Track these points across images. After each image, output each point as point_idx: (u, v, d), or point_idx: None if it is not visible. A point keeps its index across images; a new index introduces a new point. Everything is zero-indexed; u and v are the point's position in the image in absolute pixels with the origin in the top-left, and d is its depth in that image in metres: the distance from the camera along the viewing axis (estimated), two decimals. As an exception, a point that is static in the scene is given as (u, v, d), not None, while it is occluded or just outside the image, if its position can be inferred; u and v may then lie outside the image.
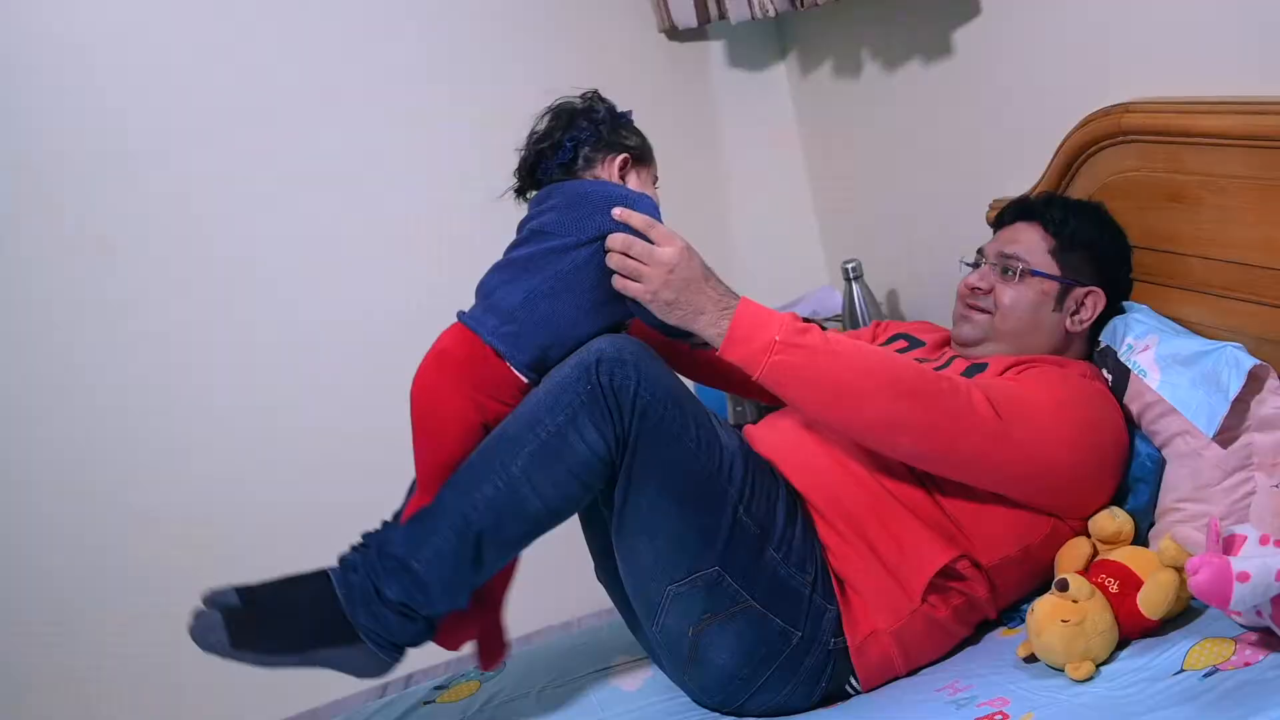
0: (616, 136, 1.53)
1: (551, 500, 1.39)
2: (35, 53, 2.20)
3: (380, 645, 1.41)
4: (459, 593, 1.42)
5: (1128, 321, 1.64)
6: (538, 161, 1.53)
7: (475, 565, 1.40)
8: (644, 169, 1.56)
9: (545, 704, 1.64)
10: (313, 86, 2.35)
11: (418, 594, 1.40)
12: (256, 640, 1.39)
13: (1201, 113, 1.51)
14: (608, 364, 1.38)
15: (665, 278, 1.42)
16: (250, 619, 1.40)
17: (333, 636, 1.40)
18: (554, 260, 1.44)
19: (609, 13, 2.50)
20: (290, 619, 1.40)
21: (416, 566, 1.39)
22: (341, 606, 1.40)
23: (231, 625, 1.39)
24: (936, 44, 2.09)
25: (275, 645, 1.39)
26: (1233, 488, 1.47)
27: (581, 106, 1.54)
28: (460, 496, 1.40)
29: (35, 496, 2.33)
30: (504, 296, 1.45)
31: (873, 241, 2.49)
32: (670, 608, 1.45)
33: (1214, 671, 1.28)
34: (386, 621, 1.40)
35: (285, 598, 1.42)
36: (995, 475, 1.47)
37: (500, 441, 1.41)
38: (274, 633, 1.39)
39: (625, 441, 1.39)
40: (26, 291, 2.27)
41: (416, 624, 1.42)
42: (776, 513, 1.47)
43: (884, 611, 1.47)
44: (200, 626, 1.41)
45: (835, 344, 1.43)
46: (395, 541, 1.42)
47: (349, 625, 1.40)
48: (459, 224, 2.45)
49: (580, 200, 1.47)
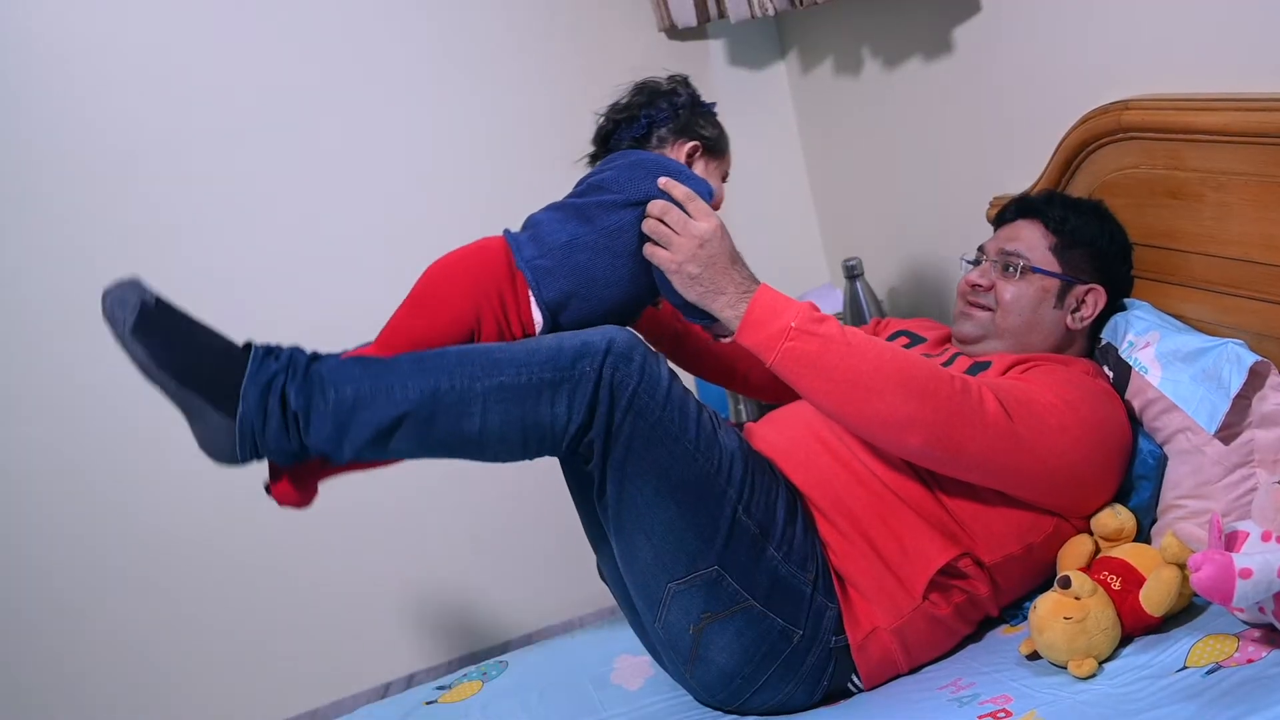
0: (693, 123, 1.57)
1: (489, 432, 1.38)
2: (34, 52, 2.21)
3: (244, 434, 1.36)
4: (348, 447, 1.38)
5: (1128, 318, 1.64)
6: (613, 130, 1.58)
7: (382, 436, 1.38)
8: (713, 160, 1.59)
9: (547, 703, 1.64)
10: (310, 86, 2.35)
11: (315, 418, 1.36)
12: (154, 344, 1.34)
13: (1201, 109, 1.51)
14: (615, 358, 1.39)
15: (694, 251, 1.43)
16: (160, 325, 1.35)
17: (215, 395, 1.35)
18: (603, 215, 1.48)
19: (609, 12, 2.50)
20: (194, 351, 1.35)
21: (332, 396, 1.36)
22: (243, 375, 1.36)
23: (142, 314, 1.34)
24: (936, 42, 2.09)
25: (165, 361, 1.34)
26: (1234, 484, 1.47)
27: (666, 88, 1.58)
28: (416, 372, 1.38)
29: (36, 497, 2.33)
30: (549, 232, 1.47)
31: (873, 239, 2.49)
32: (671, 605, 1.45)
33: (1217, 668, 1.28)
34: (269, 419, 1.35)
35: (200, 333, 1.37)
36: (1003, 476, 1.47)
37: (484, 356, 1.39)
38: (172, 350, 1.34)
39: (610, 436, 1.39)
40: (27, 292, 2.27)
41: (289, 443, 1.37)
42: (776, 512, 1.47)
43: (885, 609, 1.47)
44: (115, 295, 1.37)
45: (851, 336, 1.42)
46: (329, 364, 1.40)
47: (236, 396, 1.35)
48: (459, 222, 2.45)
49: (639, 164, 1.51)
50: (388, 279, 2.40)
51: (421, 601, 2.58)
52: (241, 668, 2.50)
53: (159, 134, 2.28)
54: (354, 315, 2.40)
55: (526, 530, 2.59)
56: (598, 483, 1.44)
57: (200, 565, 2.44)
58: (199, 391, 1.35)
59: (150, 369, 1.35)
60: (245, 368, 1.36)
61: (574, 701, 1.63)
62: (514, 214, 1.59)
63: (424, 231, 2.42)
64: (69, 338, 2.29)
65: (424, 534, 2.57)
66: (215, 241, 2.34)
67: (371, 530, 2.51)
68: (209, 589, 2.44)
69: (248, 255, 2.36)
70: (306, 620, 2.52)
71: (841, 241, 2.64)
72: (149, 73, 2.26)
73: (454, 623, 2.60)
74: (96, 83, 2.24)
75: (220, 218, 2.33)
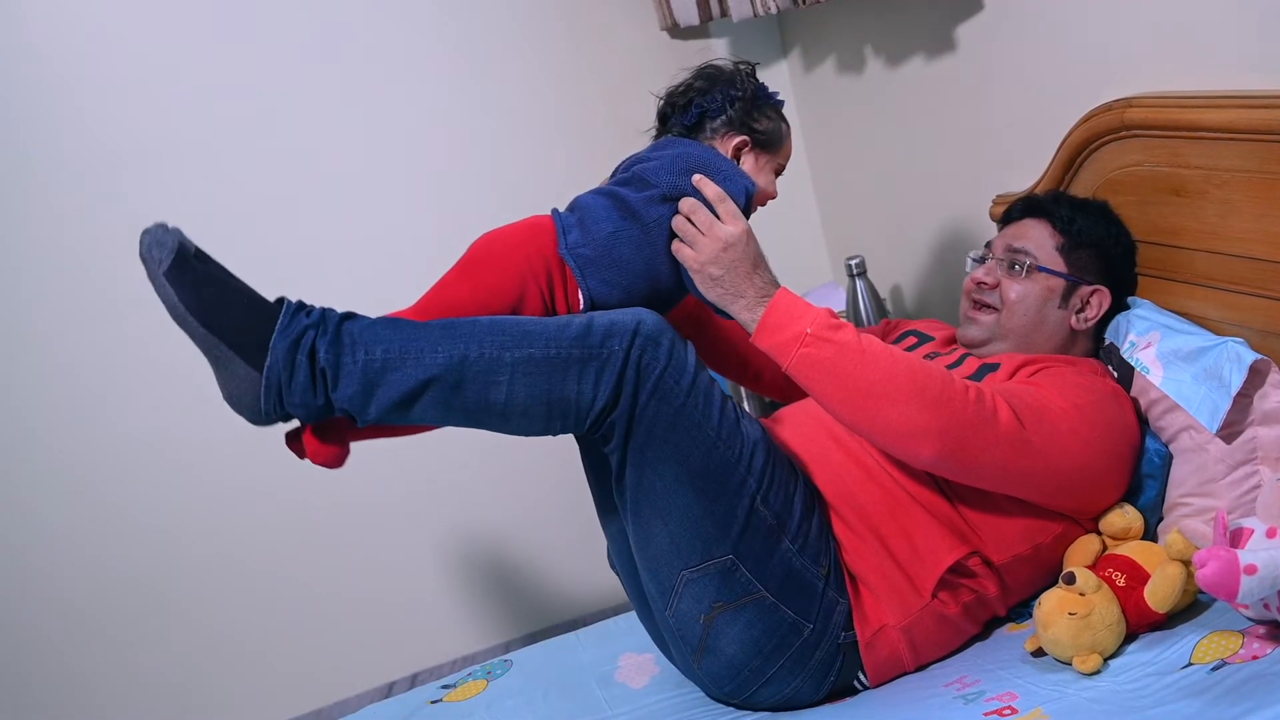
0: (747, 117, 1.55)
1: (514, 404, 1.38)
2: (32, 51, 2.20)
3: (270, 387, 1.35)
4: (372, 407, 1.37)
5: (1130, 318, 1.64)
6: (670, 113, 1.58)
7: (407, 399, 1.37)
8: (764, 155, 1.57)
9: (552, 701, 1.64)
10: (310, 84, 2.35)
11: (344, 376, 1.36)
12: (187, 288, 1.34)
13: (1204, 107, 1.51)
14: (643, 340, 1.39)
15: (717, 253, 1.44)
16: (195, 271, 1.35)
17: (243, 346, 1.35)
18: (645, 209, 1.48)
19: (611, 10, 2.50)
20: (226, 299, 1.35)
21: (361, 355, 1.36)
22: (274, 330, 1.36)
23: (179, 258, 1.34)
24: (938, 40, 2.09)
25: (196, 307, 1.34)
26: (1238, 482, 1.47)
27: (726, 75, 1.56)
28: (446, 338, 1.38)
29: (36, 497, 2.33)
30: (596, 221, 1.48)
31: (875, 238, 2.49)
32: (683, 593, 1.45)
33: (1222, 665, 1.28)
34: (297, 373, 1.35)
35: (235, 285, 1.38)
36: (1017, 483, 1.47)
37: (516, 327, 1.40)
38: (204, 297, 1.34)
39: (634, 418, 1.40)
40: (29, 293, 2.27)
41: (315, 398, 1.36)
42: (794, 505, 1.47)
43: (894, 607, 1.48)
44: (155, 234, 1.36)
45: (867, 344, 1.42)
46: (360, 324, 1.40)
47: (264, 350, 1.35)
48: (460, 221, 2.45)
49: (681, 158, 1.50)
50: (388, 277, 2.42)
51: (425, 601, 2.58)
52: (245, 667, 2.50)
53: (160, 133, 2.28)
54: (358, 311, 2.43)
55: (529, 529, 2.59)
56: (616, 466, 1.44)
57: (203, 565, 2.44)
58: (227, 340, 1.34)
59: (180, 312, 1.34)
60: (276, 321, 1.36)
61: (578, 700, 1.63)
62: (515, 212, 1.59)
63: (425, 230, 2.43)
64: (70, 338, 2.29)
65: (427, 533, 2.57)
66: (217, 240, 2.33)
67: (374, 529, 2.51)
68: (212, 589, 2.45)
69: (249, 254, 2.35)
70: (309, 620, 2.53)
71: (844, 240, 2.64)
72: (150, 71, 2.26)
73: (457, 622, 2.60)
74: (98, 81, 2.24)
75: (221, 217, 2.33)
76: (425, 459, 2.46)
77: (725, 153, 1.54)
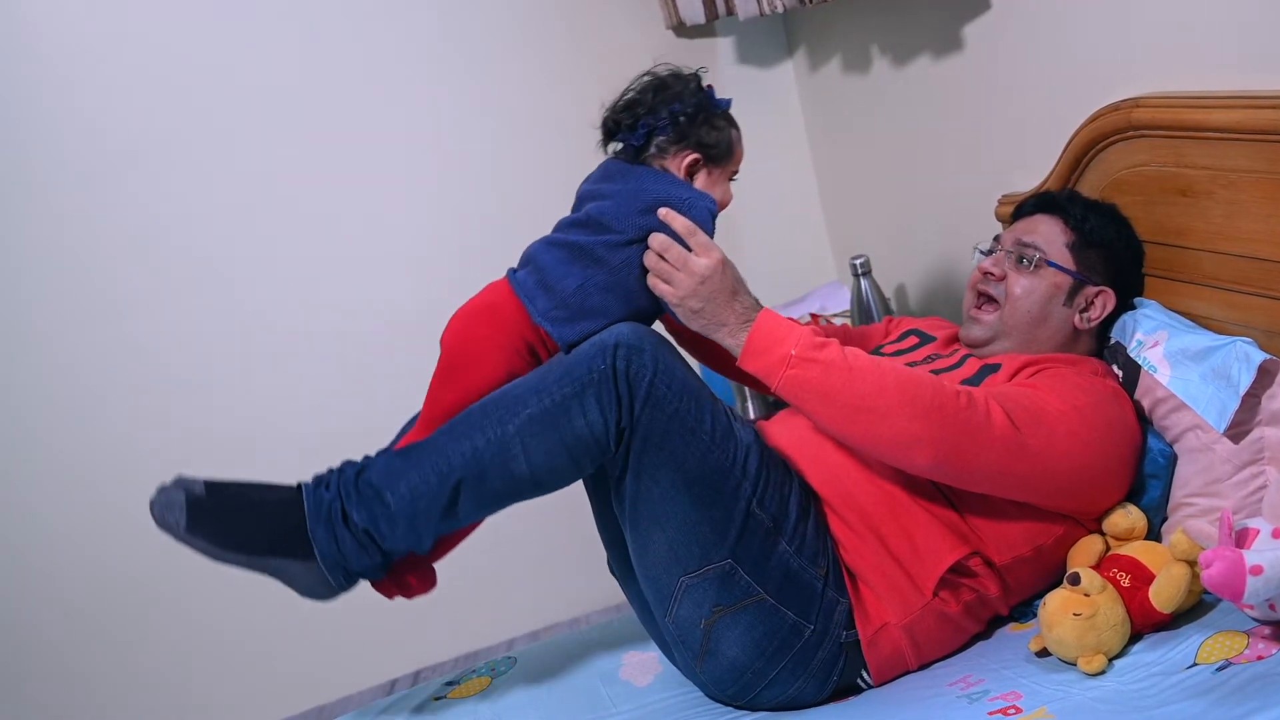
0: (697, 131, 1.51)
1: (538, 467, 1.39)
2: (32, 51, 2.20)
3: (331, 567, 1.39)
4: (424, 535, 1.41)
5: (1137, 317, 1.64)
6: (615, 130, 1.54)
7: (448, 512, 1.40)
8: (717, 168, 1.54)
9: (555, 699, 1.64)
10: (313, 84, 2.35)
11: (384, 525, 1.39)
12: (212, 531, 1.37)
13: (1211, 107, 1.51)
14: (625, 349, 1.39)
15: (694, 287, 1.44)
16: (212, 509, 1.38)
17: (288, 547, 1.38)
18: (609, 254, 1.46)
19: (616, 8, 2.50)
20: (250, 519, 1.38)
21: (390, 499, 1.39)
22: (306, 520, 1.38)
23: (192, 509, 1.37)
24: (944, 39, 2.09)
25: (230, 541, 1.38)
26: (1244, 482, 1.47)
27: (672, 90, 1.51)
28: (451, 441, 1.40)
29: (38, 499, 2.32)
30: (559, 279, 1.46)
31: (880, 237, 2.49)
32: (683, 599, 1.46)
33: (1227, 665, 1.28)
34: (345, 545, 1.39)
35: (252, 498, 1.40)
36: (1015, 487, 1.47)
37: (504, 398, 1.41)
38: (231, 528, 1.38)
39: (632, 428, 1.40)
40: (29, 293, 2.27)
41: (373, 556, 1.41)
42: (789, 506, 1.47)
43: (895, 605, 1.48)
44: (161, 501, 1.39)
45: (853, 360, 1.43)
46: (375, 469, 1.42)
47: (307, 540, 1.38)
48: (464, 221, 2.46)
49: (637, 196, 1.48)
50: (391, 276, 2.44)
51: (428, 598, 2.57)
52: (246, 666, 2.50)
53: (161, 132, 2.28)
54: (356, 311, 2.43)
55: (533, 527, 2.59)
56: (615, 476, 1.45)
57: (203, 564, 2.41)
58: (272, 553, 1.39)
59: (218, 555, 1.39)
60: (303, 510, 1.39)
61: (582, 698, 1.63)
62: (518, 213, 1.59)
63: (428, 228, 2.44)
64: (70, 338, 2.29)
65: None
66: (218, 239, 2.34)
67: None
68: (212, 588, 2.43)
69: (250, 253, 2.36)
70: (311, 618, 2.52)
71: (849, 239, 2.64)
72: (151, 71, 2.26)
73: (460, 620, 2.60)
74: (98, 80, 2.24)
75: (223, 215, 2.33)
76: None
77: (678, 172, 1.51)
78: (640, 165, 1.53)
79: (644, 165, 1.52)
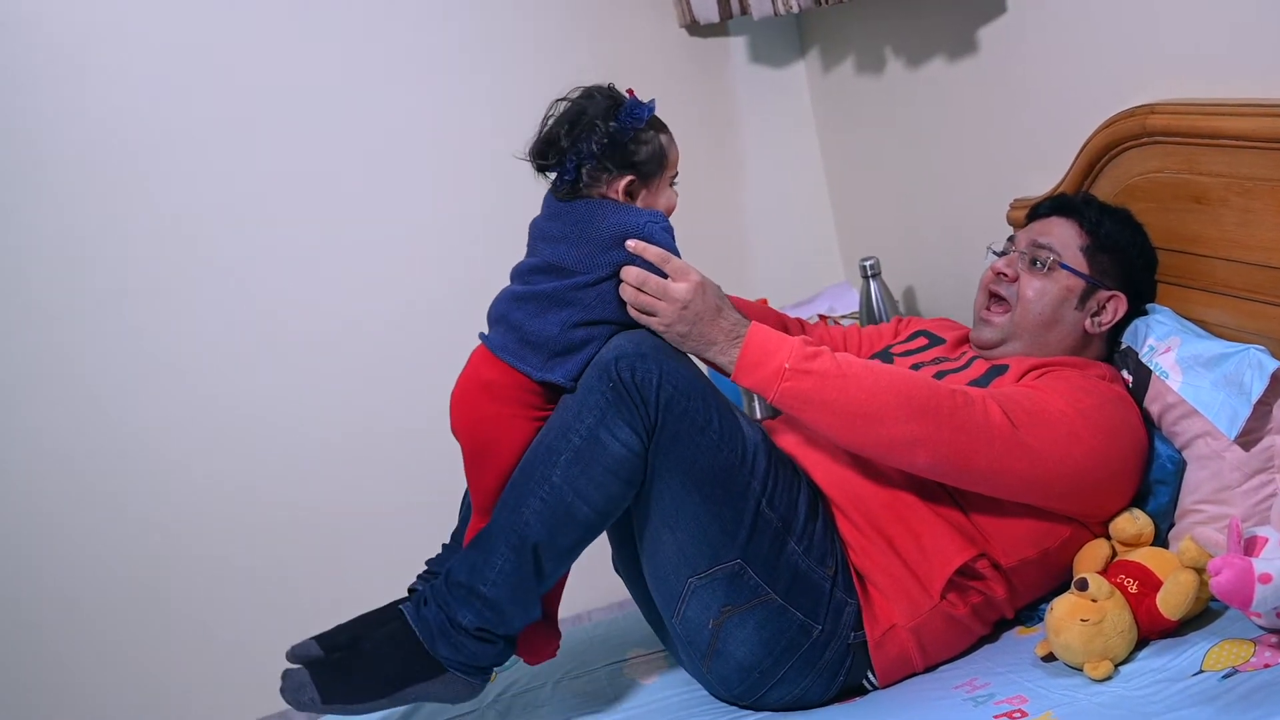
0: (622, 154, 1.46)
1: (596, 502, 1.41)
2: (33, 51, 2.20)
3: (468, 673, 1.44)
4: (529, 607, 1.45)
5: (1149, 323, 1.64)
6: (544, 168, 1.51)
7: (538, 577, 1.43)
8: (654, 181, 1.50)
9: (561, 696, 1.64)
10: (322, 81, 2.35)
11: (491, 616, 1.42)
12: (347, 692, 1.43)
13: (1226, 115, 1.51)
14: (628, 360, 1.40)
15: (679, 313, 1.44)
16: (336, 670, 1.43)
17: (419, 673, 1.43)
18: (581, 295, 1.46)
19: (629, 7, 2.49)
20: (375, 664, 1.43)
21: (484, 590, 1.42)
22: (422, 643, 1.43)
23: (320, 681, 1.43)
24: (959, 42, 2.08)
25: (365, 693, 1.43)
26: (1254, 490, 1.47)
27: (588, 116, 1.46)
28: (511, 514, 1.42)
29: (38, 498, 2.31)
30: (538, 330, 1.45)
31: (890, 239, 2.48)
32: (691, 599, 1.46)
33: (1233, 673, 1.28)
34: (467, 648, 1.43)
35: (364, 647, 1.45)
36: (1015, 486, 1.47)
37: (538, 453, 1.43)
38: (362, 681, 1.43)
39: (656, 429, 1.41)
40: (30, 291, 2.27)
41: (496, 645, 1.45)
42: (798, 506, 1.47)
43: (903, 607, 1.48)
44: (291, 686, 1.45)
45: (846, 367, 1.43)
46: (459, 568, 1.45)
47: (432, 659, 1.43)
48: (470, 220, 2.45)
49: (591, 235, 1.45)
50: (397, 274, 2.43)
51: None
52: (247, 665, 2.48)
53: (163, 130, 2.27)
54: (361, 308, 2.42)
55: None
56: None
57: (203, 564, 2.42)
58: (409, 685, 1.43)
59: (365, 710, 1.43)
60: (415, 636, 1.43)
61: (587, 695, 1.64)
62: (528, 214, 1.57)
63: (436, 227, 2.44)
64: (71, 335, 2.28)
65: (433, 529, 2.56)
66: (219, 238, 2.33)
67: (378, 526, 2.50)
68: (212, 588, 2.42)
69: (254, 250, 2.35)
70: (313, 617, 2.49)
71: (858, 240, 2.64)
72: (156, 65, 2.25)
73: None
74: (103, 77, 2.23)
75: (224, 214, 2.32)
76: (428, 455, 2.45)
77: (617, 196, 1.47)
78: (580, 200, 1.48)
79: (583, 199, 1.48)
